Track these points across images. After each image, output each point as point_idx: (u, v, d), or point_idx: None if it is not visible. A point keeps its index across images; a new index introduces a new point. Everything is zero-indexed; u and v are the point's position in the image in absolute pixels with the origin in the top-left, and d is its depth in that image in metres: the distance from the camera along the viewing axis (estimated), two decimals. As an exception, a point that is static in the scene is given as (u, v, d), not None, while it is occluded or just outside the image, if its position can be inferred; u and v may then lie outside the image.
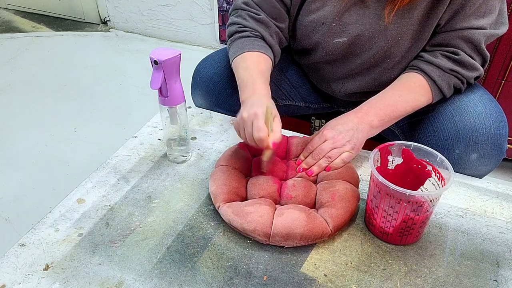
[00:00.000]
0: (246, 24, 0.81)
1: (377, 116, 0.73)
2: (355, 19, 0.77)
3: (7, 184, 1.37)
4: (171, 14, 2.26)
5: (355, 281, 0.57)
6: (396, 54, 0.79)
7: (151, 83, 0.66)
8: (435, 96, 0.76)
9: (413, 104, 0.75)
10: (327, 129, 0.73)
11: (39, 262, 0.59)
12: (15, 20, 2.58)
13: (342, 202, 0.63)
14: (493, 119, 0.74)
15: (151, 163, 0.77)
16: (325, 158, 0.71)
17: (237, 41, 0.81)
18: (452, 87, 0.77)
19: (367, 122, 0.73)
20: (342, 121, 0.73)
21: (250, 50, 0.79)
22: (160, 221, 0.66)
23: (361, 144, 0.73)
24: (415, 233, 0.61)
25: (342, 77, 0.87)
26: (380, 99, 0.76)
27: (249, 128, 0.65)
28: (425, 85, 0.75)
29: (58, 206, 0.68)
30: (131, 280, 0.57)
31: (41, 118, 1.70)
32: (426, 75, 0.76)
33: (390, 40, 0.77)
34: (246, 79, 0.75)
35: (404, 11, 0.74)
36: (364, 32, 0.77)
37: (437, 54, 0.76)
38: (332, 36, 0.80)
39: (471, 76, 0.76)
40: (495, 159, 0.76)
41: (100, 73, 2.03)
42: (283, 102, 0.98)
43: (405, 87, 0.77)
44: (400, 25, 0.75)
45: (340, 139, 0.71)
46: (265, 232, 0.60)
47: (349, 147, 0.71)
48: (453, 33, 0.74)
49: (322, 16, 0.79)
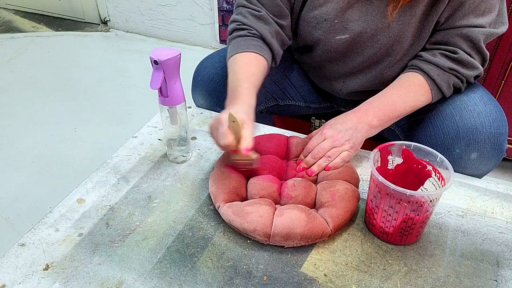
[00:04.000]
0: (245, 22, 0.80)
1: (376, 116, 0.74)
2: (358, 16, 0.77)
3: (7, 184, 1.37)
4: (171, 14, 2.26)
5: (355, 281, 0.57)
6: (398, 52, 0.79)
7: (151, 83, 0.66)
8: (434, 95, 0.76)
9: (412, 103, 0.75)
10: (326, 128, 0.73)
11: (39, 262, 0.59)
12: (15, 20, 2.58)
13: (342, 202, 0.63)
14: (493, 118, 0.74)
15: (151, 163, 0.77)
16: (324, 157, 0.71)
17: (234, 40, 0.81)
18: (452, 86, 0.77)
19: (366, 121, 0.73)
20: (341, 120, 0.74)
21: (244, 51, 0.78)
22: (160, 221, 0.66)
23: (360, 143, 0.73)
24: (415, 233, 0.62)
25: (344, 75, 0.87)
26: (379, 99, 0.76)
27: (215, 135, 0.65)
28: (425, 84, 0.75)
29: (58, 206, 0.68)
30: (131, 280, 0.57)
31: (41, 118, 1.70)
32: (426, 74, 0.76)
33: (392, 37, 0.77)
34: (231, 84, 0.75)
35: (406, 8, 0.74)
36: (367, 29, 0.77)
37: (436, 53, 0.76)
38: (334, 33, 0.80)
39: (471, 75, 0.76)
40: (495, 158, 0.76)
41: (100, 73, 2.03)
42: (284, 102, 0.98)
43: (404, 86, 0.77)
44: (402, 23, 0.75)
45: (339, 138, 0.71)
46: (265, 232, 0.60)
47: (348, 146, 0.71)
48: (452, 31, 0.74)
49: (325, 12, 0.78)
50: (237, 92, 0.71)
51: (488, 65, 1.22)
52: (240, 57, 0.77)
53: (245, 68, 0.76)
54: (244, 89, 0.72)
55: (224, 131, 0.62)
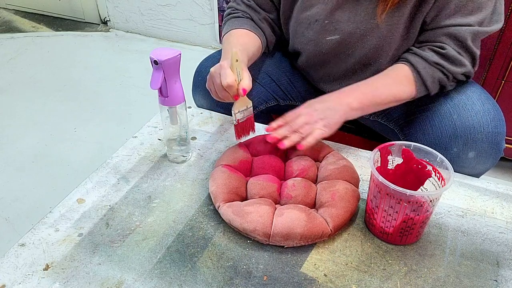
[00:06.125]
0: (238, 8, 0.88)
1: (357, 98, 0.75)
2: (348, 17, 0.78)
3: (7, 184, 1.37)
4: (171, 14, 2.26)
5: (355, 281, 0.57)
6: (387, 52, 0.80)
7: (151, 83, 0.66)
8: (418, 88, 0.76)
9: (395, 92, 0.76)
10: (304, 105, 0.75)
11: (39, 262, 0.59)
12: (15, 20, 2.58)
13: (342, 202, 0.63)
14: (491, 117, 0.74)
15: (151, 163, 0.77)
16: (297, 133, 0.72)
17: (229, 21, 0.87)
18: (437, 82, 0.76)
19: (346, 103, 0.74)
20: (320, 100, 0.75)
21: (238, 28, 0.84)
22: (160, 221, 0.66)
23: (336, 124, 0.74)
24: (415, 233, 0.62)
25: (339, 78, 0.88)
26: (363, 83, 0.77)
27: (217, 79, 0.69)
28: (410, 75, 0.76)
29: (58, 206, 0.68)
30: (131, 280, 0.57)
31: (41, 118, 1.70)
32: (412, 66, 0.76)
33: (382, 38, 0.77)
34: (225, 48, 0.80)
35: (394, 9, 0.74)
36: (356, 30, 0.78)
37: (425, 48, 0.77)
38: (325, 34, 0.81)
39: (458, 72, 0.76)
40: (492, 157, 0.76)
41: (100, 73, 2.03)
42: (285, 102, 0.99)
43: (389, 75, 0.78)
44: (390, 23, 0.76)
45: (314, 115, 0.73)
46: (265, 232, 0.60)
47: (322, 125, 0.72)
48: (438, 30, 0.74)
49: (315, 13, 0.80)
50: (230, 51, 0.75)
51: (488, 65, 1.22)
52: (235, 31, 0.83)
53: (239, 39, 0.82)
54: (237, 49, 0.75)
55: (228, 72, 0.67)
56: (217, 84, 0.69)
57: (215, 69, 0.70)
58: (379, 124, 0.95)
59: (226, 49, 0.80)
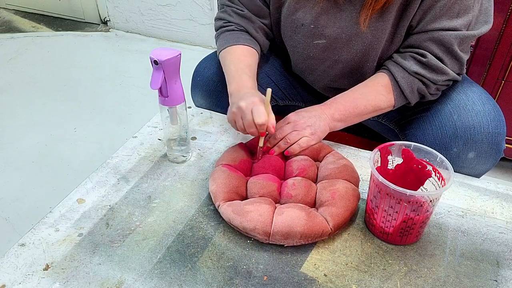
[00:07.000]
0: (230, 20, 0.85)
1: (337, 110, 0.76)
2: (333, 22, 0.77)
3: (7, 184, 1.37)
4: (171, 14, 2.26)
5: (355, 281, 0.57)
6: (375, 57, 0.80)
7: (151, 83, 0.66)
8: (396, 97, 0.77)
9: (373, 103, 0.77)
10: (292, 113, 0.77)
11: (39, 262, 0.59)
12: (15, 20, 2.58)
13: (342, 201, 0.63)
14: (491, 117, 0.74)
15: (151, 163, 0.77)
16: (284, 139, 0.74)
17: (222, 35, 0.85)
18: (416, 91, 0.77)
19: (329, 114, 0.76)
20: (306, 109, 0.77)
21: (236, 44, 0.82)
22: (160, 221, 0.66)
23: (322, 132, 0.75)
24: (415, 233, 0.62)
25: (329, 81, 0.88)
26: (343, 95, 0.79)
27: (249, 115, 0.68)
28: (388, 85, 0.77)
29: (58, 206, 0.68)
30: (131, 280, 0.57)
31: (41, 118, 1.70)
32: (391, 75, 0.77)
33: (367, 43, 0.77)
34: (233, 72, 0.79)
35: (378, 15, 0.74)
36: (341, 35, 0.78)
37: (407, 55, 0.76)
38: (312, 38, 0.81)
39: (439, 80, 0.75)
40: (493, 157, 0.76)
41: (100, 73, 2.03)
42: (283, 102, 0.99)
43: (368, 86, 0.78)
44: (375, 28, 0.75)
45: (301, 123, 0.74)
46: (265, 230, 0.60)
47: (309, 132, 0.74)
48: (424, 34, 0.74)
49: (302, 17, 0.80)
50: (242, 79, 0.76)
51: (488, 65, 1.22)
52: (234, 49, 0.82)
53: (242, 58, 0.81)
54: (248, 77, 0.77)
55: (263, 111, 0.68)
56: (249, 120, 0.68)
57: (246, 104, 0.69)
58: (379, 124, 0.95)
59: (229, 70, 0.80)
